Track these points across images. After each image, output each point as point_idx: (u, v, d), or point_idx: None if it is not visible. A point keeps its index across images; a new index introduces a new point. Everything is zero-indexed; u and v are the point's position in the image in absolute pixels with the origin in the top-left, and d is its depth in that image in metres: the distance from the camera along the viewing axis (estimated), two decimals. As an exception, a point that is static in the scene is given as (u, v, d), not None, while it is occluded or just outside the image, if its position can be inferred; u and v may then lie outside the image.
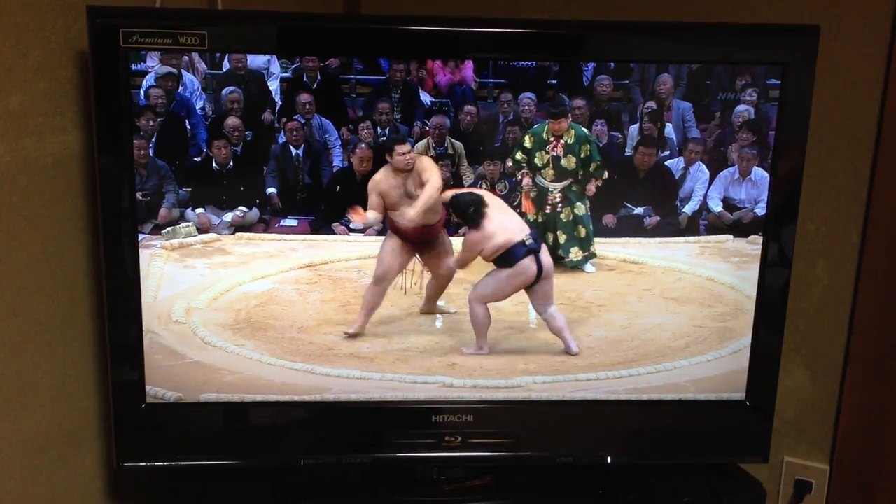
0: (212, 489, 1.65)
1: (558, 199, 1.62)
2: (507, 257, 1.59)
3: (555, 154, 1.60)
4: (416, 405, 1.59)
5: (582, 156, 1.59)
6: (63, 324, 1.55)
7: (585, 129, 1.57)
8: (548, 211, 1.63)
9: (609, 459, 1.64)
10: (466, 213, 1.58)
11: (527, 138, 1.58)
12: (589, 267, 1.66)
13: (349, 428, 1.61)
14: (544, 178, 1.61)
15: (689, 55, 1.53)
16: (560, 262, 1.64)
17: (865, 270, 1.80)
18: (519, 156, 1.59)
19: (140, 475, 1.74)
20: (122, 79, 1.41)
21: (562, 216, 1.63)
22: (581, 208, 1.62)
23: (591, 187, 1.61)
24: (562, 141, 1.58)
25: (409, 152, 1.53)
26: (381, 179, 1.55)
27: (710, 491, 1.69)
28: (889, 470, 1.86)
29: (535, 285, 1.61)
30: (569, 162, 1.59)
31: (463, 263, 1.61)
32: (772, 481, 1.96)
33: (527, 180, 1.61)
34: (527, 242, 1.59)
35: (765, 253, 1.59)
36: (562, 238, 1.64)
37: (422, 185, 1.56)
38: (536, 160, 1.60)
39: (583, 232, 1.63)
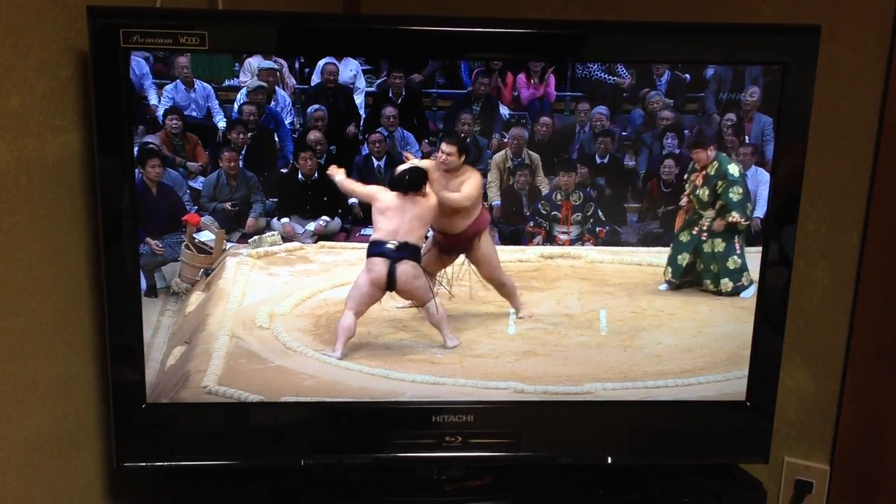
0: (212, 489, 1.65)
1: (705, 228, 1.62)
2: (370, 246, 1.58)
3: (695, 183, 1.60)
4: (417, 406, 1.59)
5: (718, 191, 1.58)
6: (63, 324, 1.55)
7: (735, 167, 1.56)
8: (694, 232, 1.63)
9: (609, 460, 1.64)
10: (401, 177, 1.55)
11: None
12: (745, 292, 1.64)
13: (350, 428, 1.61)
14: (695, 203, 1.61)
15: (689, 55, 1.53)
16: (697, 286, 1.65)
17: (865, 271, 1.80)
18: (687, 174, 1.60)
19: (140, 475, 1.74)
20: (122, 79, 1.41)
21: (704, 246, 1.63)
22: (719, 245, 1.62)
23: (719, 224, 1.61)
24: (703, 172, 1.58)
25: (450, 154, 1.54)
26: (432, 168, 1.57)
27: (711, 491, 1.69)
28: (889, 470, 1.86)
29: (395, 291, 1.60)
30: (703, 193, 1.59)
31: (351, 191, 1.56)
32: (772, 482, 1.95)
33: (684, 199, 1.61)
34: (387, 244, 1.57)
35: (765, 253, 1.59)
36: (700, 266, 1.64)
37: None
38: (687, 184, 1.61)
39: (729, 264, 1.63)
